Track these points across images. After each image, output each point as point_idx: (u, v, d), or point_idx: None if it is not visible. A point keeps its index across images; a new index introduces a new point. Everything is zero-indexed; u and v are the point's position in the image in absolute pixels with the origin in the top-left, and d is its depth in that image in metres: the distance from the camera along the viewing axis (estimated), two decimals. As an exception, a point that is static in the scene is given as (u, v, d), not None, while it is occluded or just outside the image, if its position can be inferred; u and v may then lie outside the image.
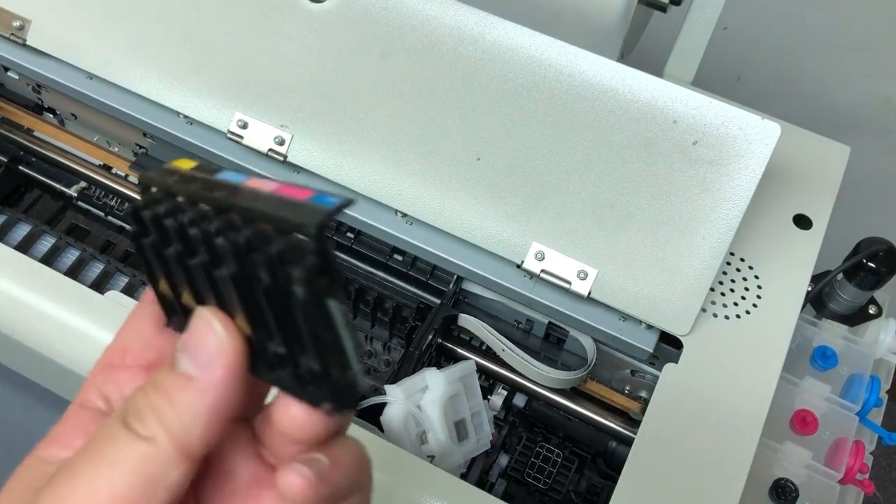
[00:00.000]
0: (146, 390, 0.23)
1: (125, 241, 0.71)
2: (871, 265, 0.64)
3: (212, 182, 0.24)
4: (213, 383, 0.23)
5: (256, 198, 0.22)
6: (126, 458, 0.22)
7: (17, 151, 0.74)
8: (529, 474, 0.59)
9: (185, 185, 0.24)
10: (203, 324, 0.23)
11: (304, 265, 0.21)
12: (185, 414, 0.22)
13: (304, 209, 0.21)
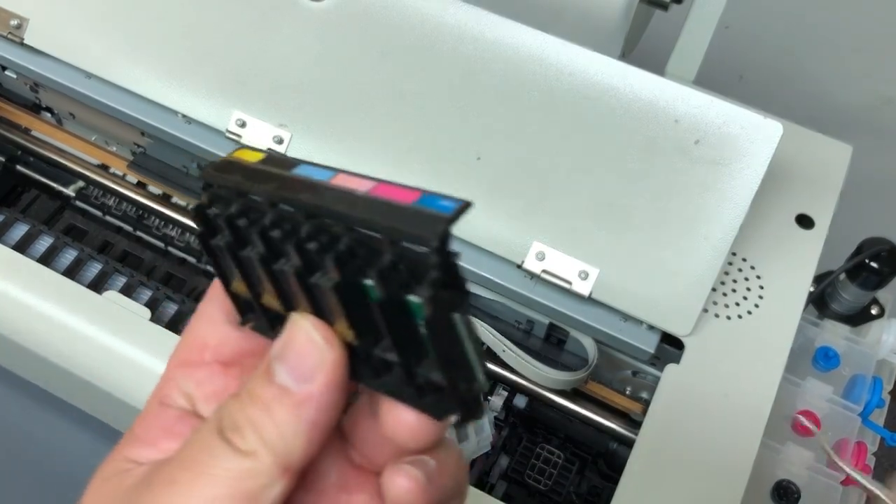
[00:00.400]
0: (243, 402, 0.22)
1: (123, 241, 0.71)
2: (874, 265, 0.64)
3: (290, 180, 0.22)
4: (314, 396, 0.22)
5: (352, 201, 0.21)
6: (226, 473, 0.21)
7: (15, 151, 0.74)
8: (530, 476, 0.59)
9: (258, 184, 0.22)
10: (302, 334, 0.22)
11: (429, 282, 0.19)
12: (285, 429, 0.22)
13: (417, 217, 0.19)
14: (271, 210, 0.22)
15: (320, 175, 0.22)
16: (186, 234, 0.70)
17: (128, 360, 0.52)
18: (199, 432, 0.23)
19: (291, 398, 0.22)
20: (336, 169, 0.22)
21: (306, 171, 0.23)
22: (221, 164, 0.24)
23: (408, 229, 0.19)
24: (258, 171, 0.23)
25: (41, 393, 0.60)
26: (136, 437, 0.25)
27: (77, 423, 0.61)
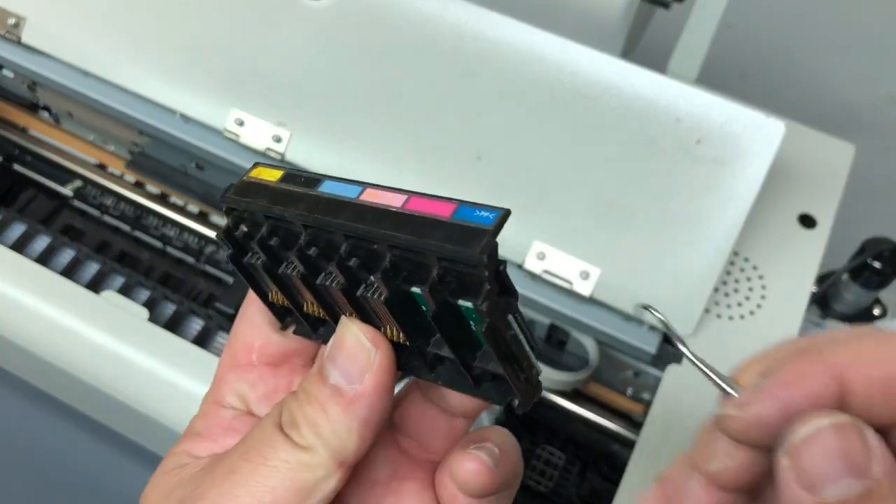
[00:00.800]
0: (300, 401, 0.24)
1: (121, 241, 0.71)
2: (876, 265, 0.64)
3: (319, 199, 0.23)
4: (364, 396, 0.23)
5: (390, 219, 0.21)
6: (285, 465, 0.23)
7: (13, 150, 0.74)
8: (531, 477, 0.58)
9: (288, 207, 0.23)
10: (351, 338, 0.24)
11: (484, 295, 0.20)
12: (339, 426, 0.23)
13: (459, 232, 0.20)
14: (306, 232, 0.23)
15: (348, 192, 0.23)
16: (185, 234, 0.70)
17: (126, 361, 0.52)
18: (260, 426, 0.24)
19: (343, 398, 0.23)
20: (362, 183, 0.23)
21: (333, 188, 0.23)
22: (241, 187, 0.25)
23: (454, 248, 0.20)
24: (282, 191, 0.24)
25: (39, 393, 0.59)
26: (197, 434, 0.27)
27: (75, 424, 0.60)
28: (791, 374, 0.20)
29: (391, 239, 0.21)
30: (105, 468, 0.59)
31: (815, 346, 0.20)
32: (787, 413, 0.20)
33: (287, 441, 0.23)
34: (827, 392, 0.19)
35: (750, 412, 0.20)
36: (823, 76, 1.17)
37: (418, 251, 0.21)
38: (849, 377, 0.19)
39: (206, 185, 0.69)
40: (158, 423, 0.51)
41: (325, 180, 0.24)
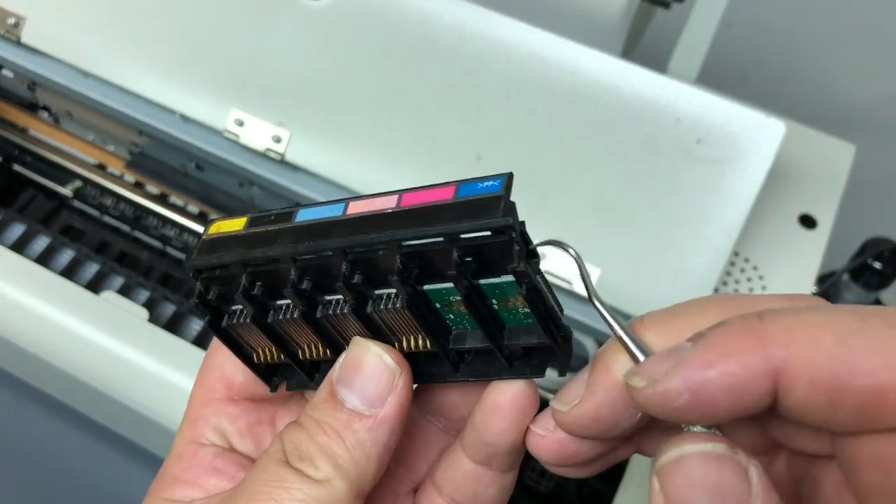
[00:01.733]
0: (309, 430, 0.22)
1: (120, 242, 0.71)
2: (877, 265, 0.64)
3: (302, 229, 0.22)
4: (388, 419, 0.22)
5: (388, 222, 0.20)
6: (299, 502, 0.21)
7: (12, 150, 0.73)
8: (531, 477, 0.58)
9: (269, 247, 0.22)
10: (373, 358, 0.22)
11: (519, 257, 0.20)
12: (358, 454, 0.22)
13: (470, 208, 0.19)
14: (295, 266, 0.22)
15: (330, 212, 0.22)
16: (184, 235, 0.70)
17: (125, 361, 0.52)
18: (261, 466, 0.22)
19: (364, 423, 0.22)
20: (341, 199, 0.22)
21: (311, 215, 0.22)
22: (205, 247, 0.23)
23: (476, 222, 0.19)
24: (255, 235, 0.23)
25: (39, 393, 0.59)
26: (175, 478, 0.25)
27: (75, 424, 0.60)
28: (716, 353, 0.17)
29: (402, 237, 0.20)
30: (105, 468, 0.59)
31: (756, 318, 0.17)
32: (697, 403, 0.17)
33: (299, 476, 0.21)
34: (756, 388, 0.17)
35: (657, 389, 0.18)
36: (823, 76, 1.17)
37: (433, 241, 0.20)
38: (790, 373, 0.17)
39: (205, 186, 0.69)
40: (158, 423, 0.51)
41: (299, 210, 0.22)
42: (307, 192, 0.60)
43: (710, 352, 0.17)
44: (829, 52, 1.16)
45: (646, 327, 0.20)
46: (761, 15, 1.13)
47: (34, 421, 0.61)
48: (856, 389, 0.16)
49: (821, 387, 0.17)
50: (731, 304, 0.19)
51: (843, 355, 0.16)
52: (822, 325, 0.17)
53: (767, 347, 0.17)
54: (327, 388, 0.23)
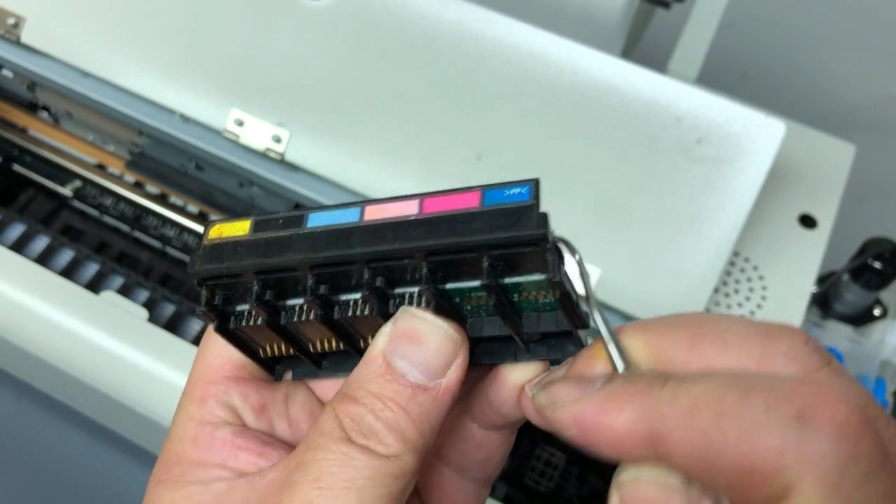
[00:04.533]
0: (371, 406, 0.21)
1: (120, 242, 0.71)
2: (877, 265, 0.64)
3: (315, 237, 0.21)
4: (451, 389, 0.22)
5: (414, 231, 0.20)
6: (371, 482, 0.21)
7: (12, 150, 0.73)
8: (531, 478, 0.58)
9: (282, 256, 0.22)
10: (435, 330, 0.22)
11: (553, 268, 0.20)
12: (425, 427, 0.22)
13: (501, 217, 0.20)
14: (312, 273, 0.22)
15: (346, 217, 0.22)
16: (184, 235, 0.70)
17: (125, 361, 0.52)
18: (322, 446, 0.21)
19: (429, 395, 0.22)
20: (355, 203, 0.22)
21: (323, 220, 0.22)
22: (210, 253, 0.22)
23: (510, 235, 0.19)
24: (266, 241, 0.22)
25: (38, 393, 0.59)
26: (197, 462, 0.24)
27: (75, 424, 0.60)
28: (610, 405, 0.18)
29: (433, 248, 0.20)
30: (105, 468, 0.59)
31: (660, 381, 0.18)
32: (583, 440, 0.19)
33: (367, 454, 0.21)
34: (634, 448, 0.18)
35: (553, 414, 0.19)
36: (823, 76, 1.17)
37: (465, 251, 0.20)
38: (667, 444, 0.18)
39: (205, 186, 0.69)
40: (158, 423, 0.51)
41: (309, 214, 0.22)
42: (307, 192, 0.60)
43: (606, 401, 0.19)
44: (830, 52, 1.16)
45: (625, 334, 0.21)
46: (761, 15, 1.13)
47: (34, 421, 0.61)
48: (725, 469, 0.17)
49: (694, 462, 0.17)
50: (698, 329, 0.20)
51: (714, 436, 0.17)
52: (703, 402, 0.18)
53: (652, 415, 0.18)
54: (379, 362, 0.22)
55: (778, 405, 0.17)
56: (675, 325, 0.20)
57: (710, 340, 0.19)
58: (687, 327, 0.20)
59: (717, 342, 0.19)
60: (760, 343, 0.19)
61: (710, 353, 0.19)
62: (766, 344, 0.19)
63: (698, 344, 0.20)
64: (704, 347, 0.19)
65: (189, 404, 0.25)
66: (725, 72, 1.16)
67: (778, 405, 0.17)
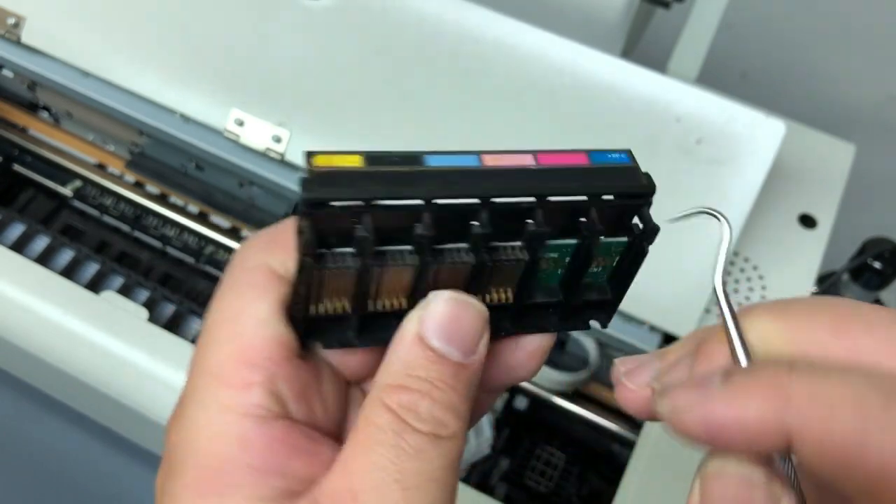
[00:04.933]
0: (425, 390, 0.21)
1: (120, 242, 0.71)
2: (877, 265, 0.64)
3: (442, 174, 0.21)
4: (482, 361, 0.22)
5: (535, 178, 0.22)
6: (447, 466, 0.21)
7: (12, 150, 0.73)
8: (531, 478, 0.58)
9: (413, 188, 0.21)
10: (471, 309, 0.22)
11: (647, 220, 0.22)
12: (469, 401, 0.22)
13: (613, 175, 0.22)
14: (430, 211, 0.21)
15: (465, 161, 0.23)
16: (184, 235, 0.70)
17: (125, 361, 0.52)
18: (389, 443, 0.20)
19: (468, 371, 0.22)
20: (468, 152, 0.23)
21: (443, 161, 0.22)
22: (321, 180, 0.21)
23: (628, 185, 0.22)
24: (386, 174, 0.21)
25: (39, 393, 0.59)
26: (251, 469, 0.20)
27: (75, 424, 0.60)
28: (737, 401, 0.18)
29: (562, 192, 0.21)
30: (105, 468, 0.59)
31: (786, 370, 0.18)
32: (712, 439, 0.18)
33: (434, 440, 0.21)
34: (768, 441, 0.18)
35: (679, 418, 0.19)
36: (823, 76, 1.17)
37: (580, 198, 0.21)
38: (803, 438, 0.17)
39: (205, 186, 0.69)
40: (157, 423, 0.51)
41: (425, 156, 0.22)
42: (307, 191, 0.60)
43: (732, 398, 0.18)
44: (830, 52, 1.16)
45: (757, 316, 0.20)
46: (761, 15, 1.13)
47: (34, 421, 0.61)
48: (863, 469, 0.17)
49: (830, 459, 0.17)
50: (844, 312, 0.19)
51: (856, 435, 0.17)
52: (845, 397, 0.17)
53: (787, 407, 0.17)
54: (419, 344, 0.21)
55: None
56: (818, 308, 0.19)
57: (857, 324, 0.19)
58: (831, 309, 0.19)
59: (864, 327, 0.19)
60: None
61: (857, 337, 0.18)
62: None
63: (844, 327, 0.19)
64: (851, 331, 0.19)
65: (221, 390, 0.21)
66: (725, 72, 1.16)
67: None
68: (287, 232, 0.23)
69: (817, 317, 0.19)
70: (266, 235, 0.23)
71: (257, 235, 0.24)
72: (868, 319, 0.19)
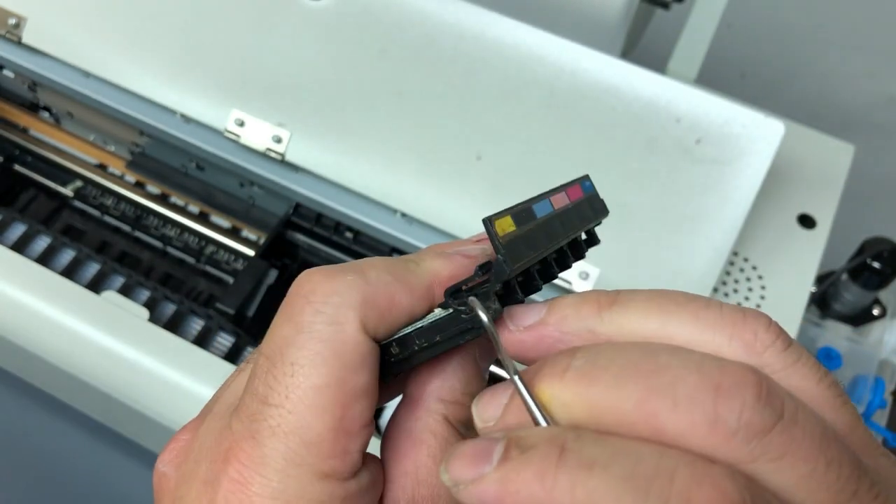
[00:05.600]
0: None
1: (121, 242, 0.71)
2: (876, 265, 0.64)
3: (554, 219, 0.26)
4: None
5: (571, 213, 0.27)
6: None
7: (13, 150, 0.74)
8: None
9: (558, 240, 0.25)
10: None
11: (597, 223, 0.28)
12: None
13: (590, 205, 0.27)
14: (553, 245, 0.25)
15: (545, 209, 0.27)
16: (185, 235, 0.70)
17: (126, 361, 0.52)
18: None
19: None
20: (540, 197, 0.27)
21: (543, 209, 0.26)
22: (510, 247, 0.23)
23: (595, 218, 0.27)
24: (537, 231, 0.25)
25: (39, 393, 0.59)
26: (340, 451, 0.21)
27: (75, 424, 0.60)
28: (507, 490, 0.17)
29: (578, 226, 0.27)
30: (105, 468, 0.60)
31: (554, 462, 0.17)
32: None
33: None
34: None
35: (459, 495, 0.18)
36: (824, 77, 1.17)
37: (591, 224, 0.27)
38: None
39: (206, 186, 0.69)
40: (158, 423, 0.51)
41: (532, 206, 0.26)
42: (307, 192, 0.60)
43: (502, 485, 0.18)
44: (829, 52, 1.16)
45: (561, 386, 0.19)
46: (761, 15, 1.13)
47: (34, 421, 0.61)
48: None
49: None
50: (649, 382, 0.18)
51: None
52: (603, 496, 0.16)
53: (548, 501, 0.17)
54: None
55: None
56: (625, 376, 0.18)
57: (660, 397, 0.17)
58: (638, 378, 0.18)
59: (668, 400, 0.17)
60: (711, 400, 0.17)
61: (661, 414, 0.17)
62: (717, 403, 0.17)
63: (648, 403, 0.17)
64: (655, 406, 0.17)
65: (321, 460, 0.20)
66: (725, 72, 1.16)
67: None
68: (386, 296, 0.22)
69: (625, 389, 0.18)
70: (357, 292, 0.21)
71: (346, 284, 0.21)
72: (672, 388, 0.18)
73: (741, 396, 0.17)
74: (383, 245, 0.63)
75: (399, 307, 0.22)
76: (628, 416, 0.18)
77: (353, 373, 0.20)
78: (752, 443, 0.17)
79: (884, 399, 0.61)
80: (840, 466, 0.17)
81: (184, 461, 0.23)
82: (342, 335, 0.20)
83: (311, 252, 0.65)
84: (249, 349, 0.57)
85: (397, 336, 0.22)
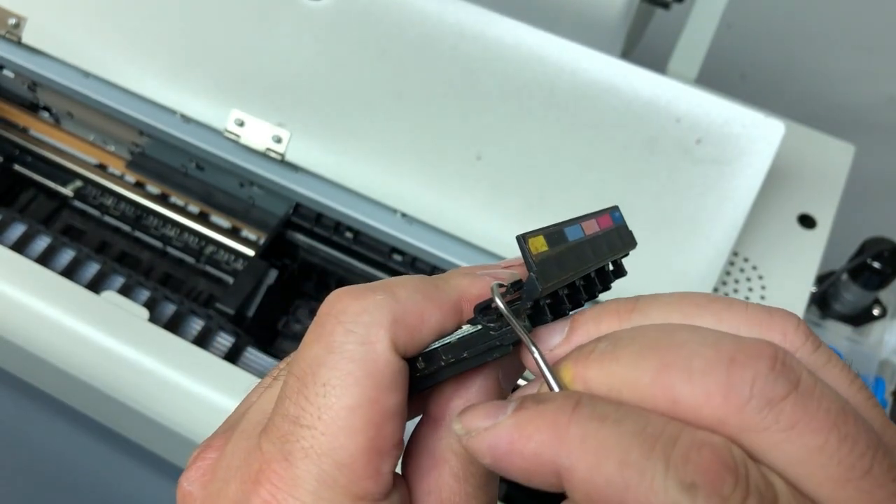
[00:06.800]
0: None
1: (121, 242, 0.71)
2: (876, 265, 0.64)
3: (585, 244, 0.25)
4: None
5: (600, 241, 0.26)
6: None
7: (13, 150, 0.74)
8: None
9: (588, 264, 0.25)
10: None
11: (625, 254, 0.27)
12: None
13: (622, 234, 0.26)
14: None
15: (577, 233, 0.25)
16: (185, 235, 0.70)
17: (126, 361, 0.52)
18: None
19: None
20: (570, 222, 0.26)
21: (574, 234, 0.25)
22: (542, 268, 0.23)
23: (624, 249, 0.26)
24: (569, 253, 0.24)
25: (39, 393, 0.59)
26: (373, 472, 0.21)
27: (75, 424, 0.60)
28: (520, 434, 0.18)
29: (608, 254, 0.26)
30: (105, 468, 0.60)
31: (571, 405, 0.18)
32: (496, 466, 0.18)
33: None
34: (543, 478, 0.18)
35: (469, 443, 0.19)
36: (823, 76, 1.17)
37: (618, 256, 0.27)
38: (570, 481, 0.17)
39: (206, 186, 0.69)
40: (158, 423, 0.51)
41: (564, 229, 0.24)
42: (307, 192, 0.60)
43: (514, 431, 0.18)
44: (829, 52, 1.16)
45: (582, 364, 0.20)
46: (761, 15, 1.13)
47: (34, 421, 0.61)
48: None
49: (594, 500, 0.17)
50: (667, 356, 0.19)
51: (616, 485, 0.17)
52: (613, 445, 0.17)
53: (559, 449, 0.17)
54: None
55: (676, 470, 0.16)
56: (644, 353, 0.19)
57: (677, 370, 0.18)
58: (656, 354, 0.18)
59: (684, 373, 0.18)
60: (725, 370, 0.17)
61: (676, 386, 0.18)
62: (731, 374, 0.17)
63: (665, 375, 0.18)
64: (672, 378, 0.18)
65: (354, 481, 0.20)
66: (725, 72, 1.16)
67: (676, 470, 0.16)
68: (416, 314, 0.22)
69: (641, 364, 0.19)
70: (388, 311, 0.21)
71: (376, 303, 0.21)
72: (688, 361, 0.18)
73: (755, 367, 0.17)
74: (383, 245, 0.63)
75: (428, 325, 0.22)
76: (646, 388, 0.18)
77: (385, 392, 0.20)
78: (763, 411, 0.17)
79: (884, 399, 0.61)
80: (855, 442, 0.17)
81: (211, 480, 0.22)
82: (373, 355, 0.20)
83: (311, 252, 0.65)
84: (249, 349, 0.57)
85: (424, 351, 0.22)
